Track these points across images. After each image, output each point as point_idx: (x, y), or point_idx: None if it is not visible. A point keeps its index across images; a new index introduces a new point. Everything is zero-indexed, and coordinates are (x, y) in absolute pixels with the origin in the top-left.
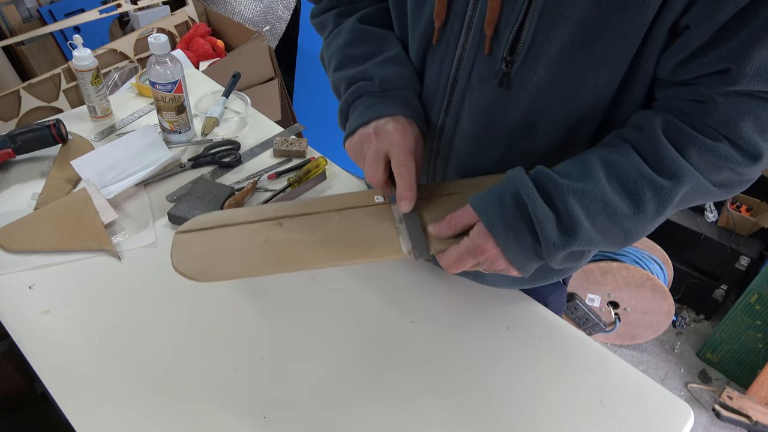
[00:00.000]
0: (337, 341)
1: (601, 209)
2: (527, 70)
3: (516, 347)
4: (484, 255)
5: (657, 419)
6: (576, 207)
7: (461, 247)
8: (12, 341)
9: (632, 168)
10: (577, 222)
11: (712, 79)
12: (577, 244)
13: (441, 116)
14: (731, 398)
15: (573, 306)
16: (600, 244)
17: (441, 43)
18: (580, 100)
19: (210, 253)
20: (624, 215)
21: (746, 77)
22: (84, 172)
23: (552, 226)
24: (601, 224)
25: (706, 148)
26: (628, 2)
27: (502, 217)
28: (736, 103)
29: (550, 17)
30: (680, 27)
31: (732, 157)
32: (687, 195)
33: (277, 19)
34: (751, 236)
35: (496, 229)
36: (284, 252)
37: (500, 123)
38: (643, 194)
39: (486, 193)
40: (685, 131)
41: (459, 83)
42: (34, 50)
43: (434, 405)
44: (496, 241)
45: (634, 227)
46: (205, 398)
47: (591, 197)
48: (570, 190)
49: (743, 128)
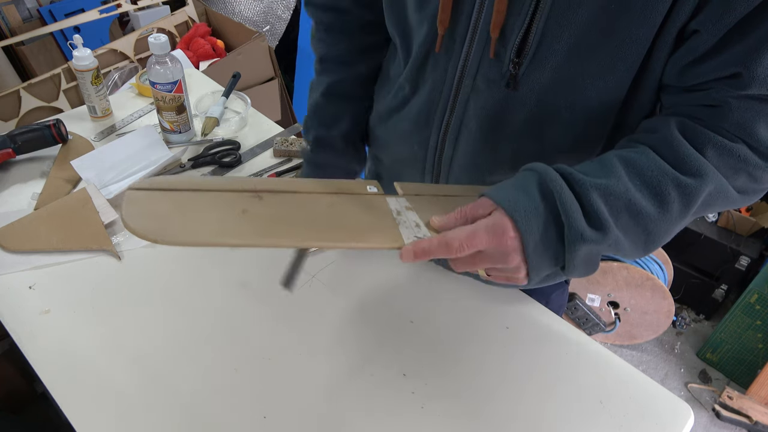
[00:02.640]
0: (338, 341)
1: (624, 207)
2: (535, 72)
3: (516, 347)
4: (500, 240)
5: (657, 419)
6: (600, 204)
7: (478, 224)
8: (12, 341)
9: (654, 166)
10: (602, 219)
11: (723, 84)
12: (605, 242)
13: (446, 117)
14: (731, 398)
15: (573, 306)
16: (622, 248)
17: (444, 49)
18: (587, 102)
19: (174, 214)
20: (648, 215)
21: (757, 81)
22: (84, 172)
23: (579, 216)
24: (624, 224)
25: (725, 149)
26: (635, 7)
27: (526, 202)
28: (750, 106)
29: (557, 20)
30: (688, 31)
31: (750, 159)
32: (710, 197)
33: (277, 19)
34: (751, 236)
35: (519, 213)
36: (266, 225)
37: (507, 124)
38: (667, 193)
39: (502, 184)
40: (702, 132)
41: (464, 85)
42: (34, 50)
43: (434, 405)
44: (517, 225)
45: (657, 229)
46: (205, 398)
47: (614, 194)
48: (593, 186)
49: (759, 130)
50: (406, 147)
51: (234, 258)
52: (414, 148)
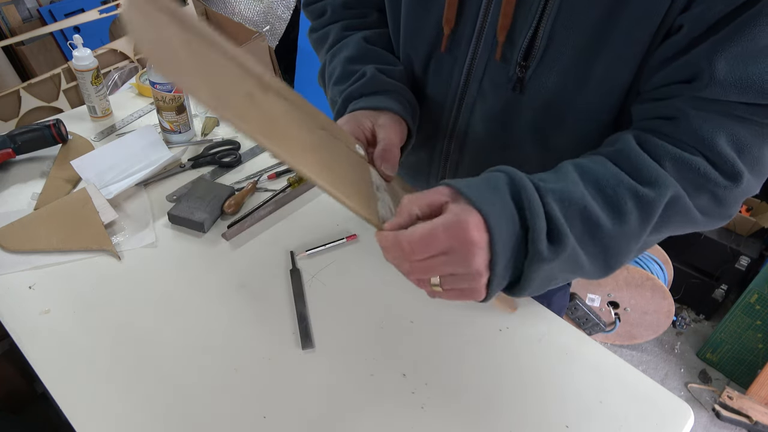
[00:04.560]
0: (337, 341)
1: (577, 214)
2: (541, 75)
3: (516, 347)
4: (464, 236)
5: (657, 419)
6: (556, 210)
7: (434, 221)
8: (12, 341)
9: (610, 175)
10: (558, 225)
11: (683, 89)
12: (562, 255)
13: (451, 120)
14: (731, 398)
15: (573, 306)
16: (581, 263)
17: (449, 49)
18: (591, 104)
19: (183, 52)
20: (603, 226)
21: (717, 82)
22: (84, 172)
23: (543, 229)
24: (578, 233)
25: (683, 162)
26: (639, 7)
27: (497, 198)
28: (710, 117)
29: (564, 22)
30: (674, 28)
31: (710, 175)
32: (670, 211)
33: (277, 19)
34: (751, 236)
35: (487, 206)
36: (269, 122)
37: (513, 127)
38: (623, 204)
39: (467, 180)
40: (660, 144)
41: (470, 88)
42: (34, 50)
43: (434, 405)
44: (488, 220)
45: (616, 244)
46: (205, 398)
47: (569, 199)
48: (548, 190)
49: (719, 143)
50: (413, 152)
51: (234, 258)
52: (420, 154)
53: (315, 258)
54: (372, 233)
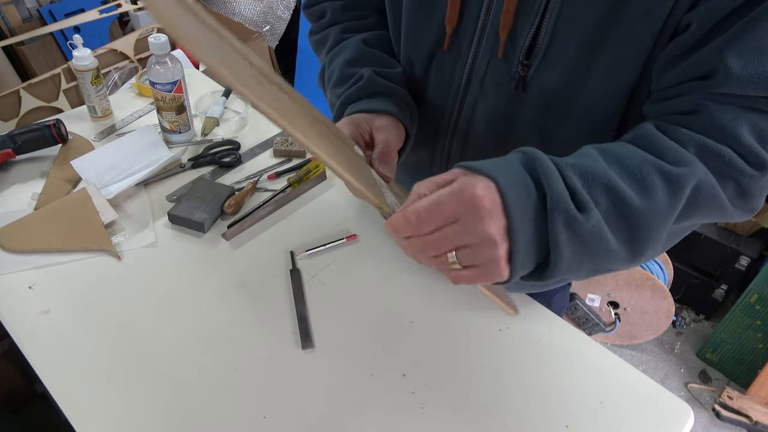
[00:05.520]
0: (337, 341)
1: (602, 188)
2: (543, 73)
3: (516, 347)
4: (470, 199)
5: (657, 419)
6: (577, 184)
7: (442, 190)
8: (12, 341)
9: (632, 154)
10: (582, 197)
11: (698, 86)
12: (589, 219)
13: (453, 119)
14: (731, 398)
15: (573, 306)
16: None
17: (452, 49)
18: (594, 103)
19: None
20: (629, 201)
21: (733, 78)
22: (84, 172)
23: (561, 184)
24: (603, 208)
25: (708, 149)
26: (642, 4)
27: (506, 167)
28: (730, 110)
29: (566, 20)
30: (682, 26)
31: (736, 164)
32: (698, 193)
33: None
34: (751, 236)
35: (496, 171)
36: (283, 106)
37: (515, 125)
38: (650, 179)
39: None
40: (682, 131)
41: (472, 87)
42: (34, 50)
43: (434, 405)
44: (497, 182)
45: (645, 222)
46: (205, 398)
47: (591, 173)
48: (567, 164)
49: (742, 134)
50: (414, 152)
51: (234, 258)
52: (421, 153)
53: (315, 258)
54: (372, 233)
